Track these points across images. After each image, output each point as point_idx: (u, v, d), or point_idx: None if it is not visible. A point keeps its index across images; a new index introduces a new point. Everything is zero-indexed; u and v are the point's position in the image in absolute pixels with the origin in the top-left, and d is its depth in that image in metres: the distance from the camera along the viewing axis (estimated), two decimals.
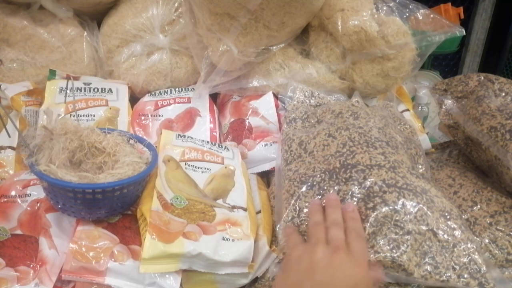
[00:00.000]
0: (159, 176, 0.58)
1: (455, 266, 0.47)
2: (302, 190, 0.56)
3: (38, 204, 0.58)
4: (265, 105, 0.78)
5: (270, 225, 0.61)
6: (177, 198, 0.56)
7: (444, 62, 1.94)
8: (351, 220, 0.48)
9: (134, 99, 0.85)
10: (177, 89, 0.85)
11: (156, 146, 0.63)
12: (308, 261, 0.44)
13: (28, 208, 0.57)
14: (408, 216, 0.48)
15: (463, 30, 0.77)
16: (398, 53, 0.74)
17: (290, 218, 0.54)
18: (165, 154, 0.62)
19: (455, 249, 0.48)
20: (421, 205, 0.49)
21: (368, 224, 0.48)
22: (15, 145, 0.69)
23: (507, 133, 0.57)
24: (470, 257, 0.47)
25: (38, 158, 0.52)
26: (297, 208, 0.54)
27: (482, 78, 0.69)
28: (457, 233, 0.49)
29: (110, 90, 0.79)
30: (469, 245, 0.48)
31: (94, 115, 0.74)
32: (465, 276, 0.46)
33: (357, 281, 0.42)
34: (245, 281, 0.56)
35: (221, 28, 0.71)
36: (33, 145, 0.52)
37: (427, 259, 0.47)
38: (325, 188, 0.54)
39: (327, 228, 0.48)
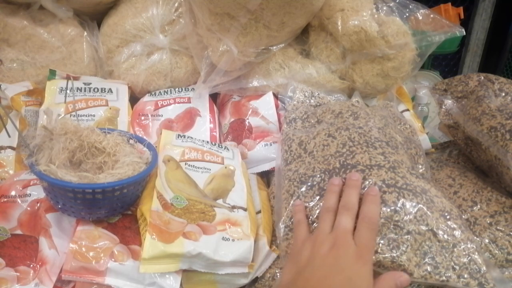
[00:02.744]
0: (159, 176, 0.59)
1: (455, 266, 0.47)
2: (301, 190, 0.56)
3: (38, 204, 0.58)
4: (265, 105, 0.78)
5: (270, 225, 0.61)
6: (177, 198, 0.56)
7: (444, 62, 1.94)
8: (370, 204, 0.47)
9: (134, 99, 0.85)
10: (177, 89, 0.85)
11: (156, 146, 0.63)
12: (307, 255, 0.45)
13: (28, 208, 0.57)
14: (408, 216, 0.48)
15: (463, 30, 0.77)
16: (398, 53, 0.74)
17: (289, 218, 0.54)
18: (165, 154, 0.62)
19: (455, 249, 0.48)
20: (420, 205, 0.49)
21: None
22: (15, 145, 0.69)
23: (507, 133, 0.57)
24: (470, 257, 0.47)
25: (38, 158, 0.52)
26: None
27: (482, 78, 0.69)
28: (457, 233, 0.49)
29: (110, 90, 0.79)
30: (469, 245, 0.48)
31: (94, 115, 0.74)
32: (465, 276, 0.46)
33: (352, 274, 0.41)
34: (245, 281, 0.56)
35: (221, 28, 0.71)
36: (33, 145, 0.52)
37: (427, 259, 0.47)
38: (325, 188, 0.54)
39: (337, 212, 0.48)
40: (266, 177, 0.77)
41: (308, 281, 0.42)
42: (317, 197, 0.54)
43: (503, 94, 0.65)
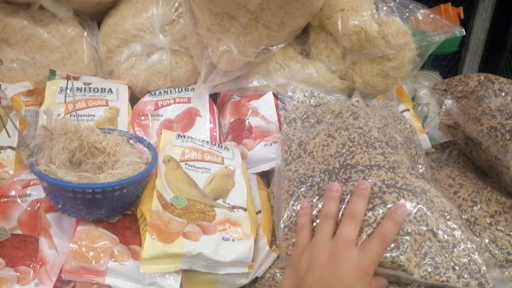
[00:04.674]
0: (159, 176, 0.59)
1: (455, 267, 0.47)
2: (301, 190, 0.56)
3: (38, 204, 0.58)
4: (265, 105, 0.78)
5: (270, 225, 0.61)
6: (177, 198, 0.56)
7: (444, 62, 1.93)
8: (390, 221, 0.46)
9: (134, 99, 0.85)
10: (177, 89, 0.85)
11: (156, 146, 0.63)
12: (306, 264, 0.45)
13: (28, 208, 0.57)
14: (408, 216, 0.48)
15: (463, 30, 0.77)
16: (398, 53, 0.74)
17: (289, 218, 0.54)
18: (165, 154, 0.62)
19: (455, 249, 0.48)
20: (420, 206, 0.49)
21: (368, 225, 0.48)
22: (15, 145, 0.69)
23: (507, 133, 0.56)
24: (470, 257, 0.47)
25: (38, 158, 0.52)
26: (296, 208, 0.54)
27: (482, 78, 0.69)
28: (457, 233, 0.49)
29: (110, 90, 0.79)
30: (469, 245, 0.48)
31: (94, 115, 0.74)
32: (465, 276, 0.46)
33: (350, 283, 0.41)
34: (245, 281, 0.56)
35: (221, 28, 0.71)
36: (33, 145, 0.52)
37: (427, 260, 0.47)
38: (325, 188, 0.54)
39: (341, 220, 0.47)
40: (266, 177, 0.77)
41: None
42: (317, 197, 0.54)
43: (503, 94, 0.65)
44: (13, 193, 0.58)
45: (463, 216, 0.56)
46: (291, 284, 0.45)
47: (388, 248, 0.46)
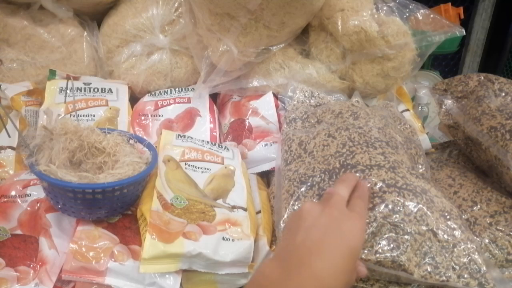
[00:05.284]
0: (159, 176, 0.59)
1: (455, 266, 0.47)
2: (301, 190, 0.56)
3: (38, 204, 0.58)
4: (265, 105, 0.78)
5: (270, 225, 0.61)
6: (177, 198, 0.56)
7: (444, 62, 1.94)
8: (362, 187, 0.48)
9: (134, 99, 0.85)
10: (177, 89, 0.85)
11: (156, 146, 0.63)
12: (298, 215, 0.43)
13: (28, 208, 0.57)
14: (408, 216, 0.48)
15: (463, 30, 0.77)
16: (398, 53, 0.74)
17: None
18: (165, 154, 0.62)
19: (455, 249, 0.48)
20: (421, 205, 0.49)
21: (368, 224, 0.48)
22: (15, 145, 0.69)
23: (507, 133, 0.57)
24: (470, 257, 0.47)
25: (38, 158, 0.52)
26: (297, 208, 0.54)
27: (482, 78, 0.69)
28: (457, 233, 0.49)
29: (110, 90, 0.79)
30: (469, 245, 0.48)
31: (94, 115, 0.74)
32: (465, 276, 0.46)
33: (347, 229, 0.40)
34: (245, 281, 0.56)
35: (221, 28, 0.71)
36: (33, 145, 0.52)
37: (427, 259, 0.47)
38: (325, 188, 0.54)
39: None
40: (266, 177, 0.77)
41: (302, 244, 0.39)
42: (317, 197, 0.54)
43: (503, 94, 0.65)
44: (13, 193, 0.58)
45: (463, 216, 0.56)
46: (283, 242, 0.43)
47: (389, 248, 0.46)
